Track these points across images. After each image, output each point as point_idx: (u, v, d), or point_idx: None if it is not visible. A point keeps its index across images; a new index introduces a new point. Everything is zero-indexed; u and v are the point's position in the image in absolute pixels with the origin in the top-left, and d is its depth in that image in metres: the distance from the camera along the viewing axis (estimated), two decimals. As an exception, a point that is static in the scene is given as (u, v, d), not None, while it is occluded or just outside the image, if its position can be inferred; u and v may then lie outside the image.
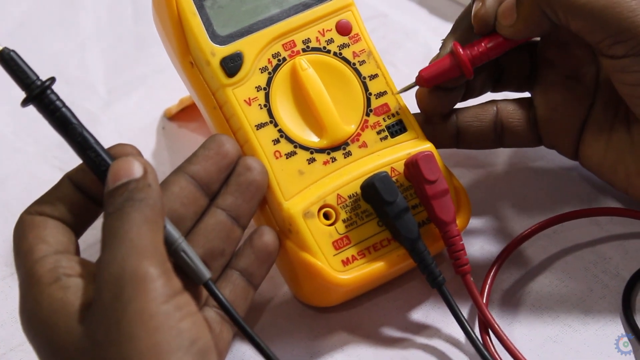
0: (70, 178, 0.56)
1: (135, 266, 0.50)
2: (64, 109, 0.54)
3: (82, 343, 0.50)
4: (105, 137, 0.56)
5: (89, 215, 0.57)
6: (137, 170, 0.53)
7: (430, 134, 0.65)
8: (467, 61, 0.64)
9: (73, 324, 0.51)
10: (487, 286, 0.64)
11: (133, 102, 0.77)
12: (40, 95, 0.54)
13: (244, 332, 0.56)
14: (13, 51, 0.54)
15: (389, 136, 0.64)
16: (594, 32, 0.61)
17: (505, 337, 0.61)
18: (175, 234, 0.55)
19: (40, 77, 0.54)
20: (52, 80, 0.54)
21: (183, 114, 0.75)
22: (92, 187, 0.56)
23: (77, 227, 0.56)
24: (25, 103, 0.54)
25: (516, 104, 0.68)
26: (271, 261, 0.61)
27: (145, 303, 0.49)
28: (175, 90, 0.73)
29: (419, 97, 0.66)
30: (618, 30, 0.60)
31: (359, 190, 0.62)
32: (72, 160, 0.63)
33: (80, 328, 0.50)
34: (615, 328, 0.63)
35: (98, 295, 0.50)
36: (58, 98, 0.54)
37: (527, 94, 0.69)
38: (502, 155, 0.73)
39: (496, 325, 0.61)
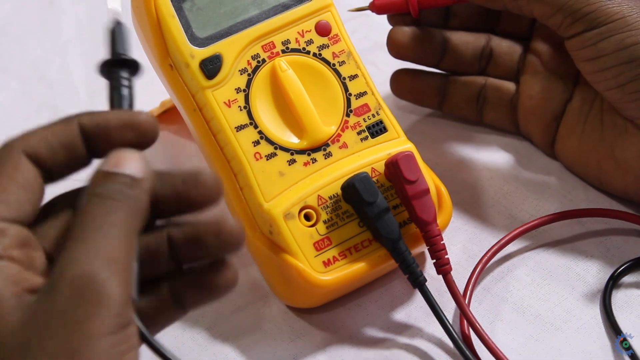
0: (79, 119, 0.50)
1: (94, 279, 0.46)
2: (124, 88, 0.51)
3: (14, 334, 0.46)
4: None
5: (77, 166, 0.51)
6: (139, 171, 0.49)
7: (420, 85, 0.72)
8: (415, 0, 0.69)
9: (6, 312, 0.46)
10: (471, 285, 0.64)
11: (114, 105, 0.77)
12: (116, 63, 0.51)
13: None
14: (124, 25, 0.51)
15: (369, 136, 0.64)
16: (555, 15, 0.65)
17: (486, 336, 0.61)
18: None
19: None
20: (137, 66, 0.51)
21: (164, 117, 0.75)
22: (99, 146, 0.50)
23: (56, 174, 0.50)
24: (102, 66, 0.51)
25: (502, 83, 0.72)
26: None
27: (92, 330, 0.45)
28: (157, 92, 0.73)
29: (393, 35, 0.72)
30: (575, 9, 0.64)
31: (339, 191, 0.62)
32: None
33: (14, 318, 0.46)
34: (596, 326, 0.63)
35: (51, 299, 0.46)
36: (129, 81, 0.51)
37: None
38: (483, 154, 0.73)
39: (477, 325, 0.61)
